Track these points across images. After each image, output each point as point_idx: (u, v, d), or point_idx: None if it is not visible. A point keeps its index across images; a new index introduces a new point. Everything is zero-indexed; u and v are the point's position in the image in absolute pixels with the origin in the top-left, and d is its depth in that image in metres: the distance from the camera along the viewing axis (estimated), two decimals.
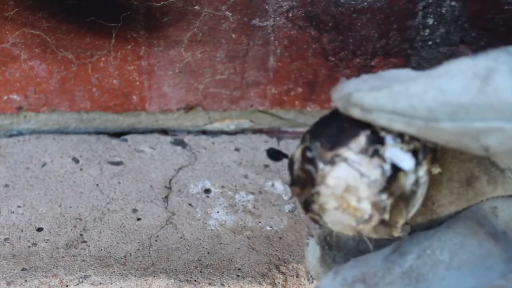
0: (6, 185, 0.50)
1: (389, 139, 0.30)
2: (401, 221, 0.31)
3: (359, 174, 0.29)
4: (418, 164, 0.30)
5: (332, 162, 0.30)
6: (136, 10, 0.49)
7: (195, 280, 0.43)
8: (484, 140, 0.27)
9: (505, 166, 0.33)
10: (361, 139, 0.30)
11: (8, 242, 0.45)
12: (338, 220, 0.31)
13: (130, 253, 0.45)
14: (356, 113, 0.29)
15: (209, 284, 0.43)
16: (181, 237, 0.47)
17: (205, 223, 0.48)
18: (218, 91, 0.54)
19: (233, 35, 0.51)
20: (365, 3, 0.50)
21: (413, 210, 0.32)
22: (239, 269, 0.44)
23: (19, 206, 0.48)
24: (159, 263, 0.44)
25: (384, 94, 0.28)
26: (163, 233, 0.47)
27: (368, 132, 0.30)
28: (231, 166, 0.53)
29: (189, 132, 0.58)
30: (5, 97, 0.54)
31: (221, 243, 0.46)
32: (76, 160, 0.53)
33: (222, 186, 0.51)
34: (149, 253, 0.45)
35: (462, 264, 0.32)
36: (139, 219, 0.48)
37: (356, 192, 0.30)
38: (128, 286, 0.43)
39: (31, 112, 0.55)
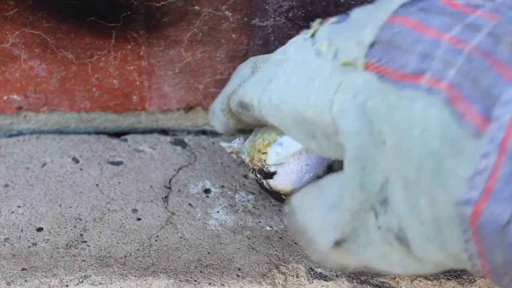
0: (6, 185, 0.50)
1: None
2: None
3: None
4: None
5: None
6: (136, 10, 0.49)
7: (195, 280, 0.43)
8: None
9: None
10: None
11: (8, 242, 0.45)
12: None
13: (130, 253, 0.45)
14: None
15: (209, 284, 0.43)
16: (181, 237, 0.47)
17: (205, 223, 0.48)
18: (218, 91, 0.54)
19: (233, 35, 0.51)
20: (365, 3, 0.50)
21: None
22: (239, 269, 0.44)
23: (19, 206, 0.48)
24: (159, 263, 0.44)
25: None
26: (163, 233, 0.47)
27: None
28: (231, 166, 0.53)
29: (189, 132, 0.58)
30: (5, 97, 0.54)
31: (221, 243, 0.46)
32: (76, 160, 0.53)
33: (222, 186, 0.51)
34: (149, 253, 0.45)
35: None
36: (139, 219, 0.48)
37: None
38: (128, 286, 0.43)
39: (31, 112, 0.55)
